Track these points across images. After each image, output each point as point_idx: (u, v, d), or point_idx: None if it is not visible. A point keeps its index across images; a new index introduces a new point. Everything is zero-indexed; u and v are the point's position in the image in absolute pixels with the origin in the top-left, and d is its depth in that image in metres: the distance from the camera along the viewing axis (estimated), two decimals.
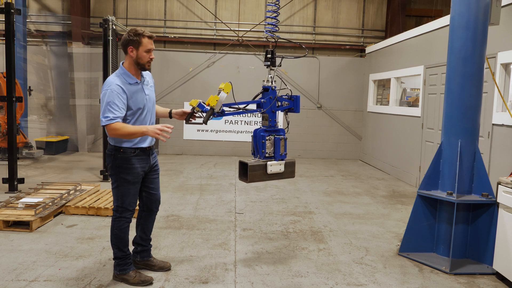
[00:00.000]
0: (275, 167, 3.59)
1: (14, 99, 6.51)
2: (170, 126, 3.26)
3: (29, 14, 11.06)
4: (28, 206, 5.19)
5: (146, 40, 3.37)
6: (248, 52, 11.31)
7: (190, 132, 11.22)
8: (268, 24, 3.68)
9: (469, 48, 4.19)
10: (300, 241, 4.82)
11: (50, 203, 5.35)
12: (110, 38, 7.76)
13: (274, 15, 3.69)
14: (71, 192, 5.98)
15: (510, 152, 5.41)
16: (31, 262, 3.95)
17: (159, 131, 3.23)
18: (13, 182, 6.49)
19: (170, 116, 3.78)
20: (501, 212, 3.83)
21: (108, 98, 3.25)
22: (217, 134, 11.27)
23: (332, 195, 7.18)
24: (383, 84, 10.48)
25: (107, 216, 5.41)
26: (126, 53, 3.41)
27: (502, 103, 5.59)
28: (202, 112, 3.45)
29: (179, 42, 11.50)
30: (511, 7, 5.46)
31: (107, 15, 8.04)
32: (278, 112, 3.73)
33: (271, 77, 3.66)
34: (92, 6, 11.27)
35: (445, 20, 7.06)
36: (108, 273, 3.78)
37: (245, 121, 11.21)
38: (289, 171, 3.72)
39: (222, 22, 11.39)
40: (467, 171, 4.28)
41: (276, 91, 3.67)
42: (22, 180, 6.68)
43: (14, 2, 7.83)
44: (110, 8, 11.40)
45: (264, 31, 3.70)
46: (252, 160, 3.52)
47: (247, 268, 4.01)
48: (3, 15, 6.43)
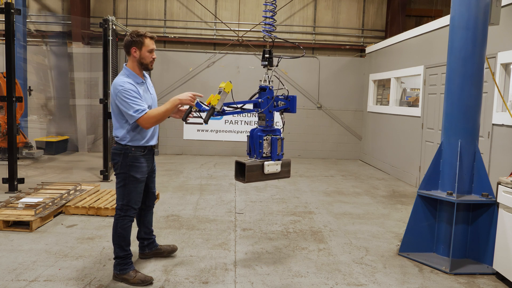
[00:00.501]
0: (272, 167, 3.58)
1: (14, 99, 6.51)
2: (193, 96, 3.39)
3: (29, 14, 11.06)
4: (28, 206, 5.20)
5: (148, 40, 3.49)
6: (248, 52, 11.31)
7: (190, 132, 11.22)
8: (265, 24, 3.68)
9: (469, 48, 4.19)
10: (300, 241, 4.82)
11: (50, 203, 5.35)
12: (110, 38, 7.76)
13: (271, 14, 3.68)
14: (71, 192, 5.98)
15: (510, 152, 5.41)
16: (31, 262, 3.95)
17: (192, 96, 3.39)
18: (13, 182, 6.49)
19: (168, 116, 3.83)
20: (501, 212, 3.83)
21: (127, 95, 3.37)
22: (217, 134, 11.28)
23: (332, 195, 7.18)
24: (383, 84, 10.48)
25: (107, 216, 5.41)
26: (129, 54, 3.51)
27: (502, 103, 5.59)
28: (199, 111, 3.47)
29: (179, 42, 11.50)
30: (511, 7, 5.46)
31: (107, 15, 8.05)
32: (274, 112, 3.73)
33: (269, 77, 3.66)
34: (92, 6, 11.27)
35: (445, 20, 7.06)
36: (108, 273, 3.78)
37: (245, 121, 11.21)
38: (285, 171, 3.71)
39: (222, 22, 11.39)
40: (467, 171, 4.29)
41: (274, 91, 3.66)
42: (22, 180, 6.68)
43: (14, 2, 7.83)
44: (110, 8, 11.40)
45: (262, 31, 3.70)
46: (249, 160, 3.51)
47: (247, 268, 4.01)
48: (3, 15, 6.43)
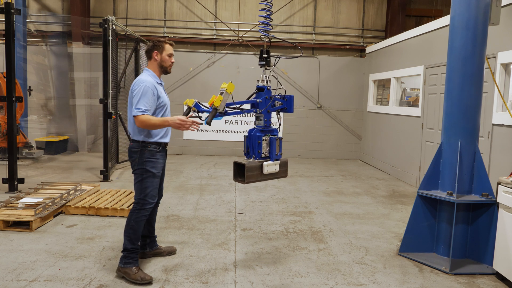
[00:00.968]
0: (271, 167, 3.59)
1: (14, 99, 6.51)
2: (189, 120, 3.46)
3: (29, 14, 11.06)
4: (28, 206, 5.19)
5: (168, 46, 3.86)
6: (248, 52, 11.31)
7: (190, 132, 11.21)
8: (262, 23, 3.67)
9: (469, 48, 4.19)
10: (300, 241, 4.82)
11: (50, 203, 5.35)
12: (110, 38, 7.76)
13: (268, 13, 3.68)
14: (71, 192, 5.98)
15: (510, 152, 5.41)
16: (31, 262, 3.95)
17: (179, 122, 3.46)
18: (13, 182, 6.49)
19: None
20: (501, 212, 3.83)
21: (143, 92, 3.59)
22: (217, 134, 11.28)
23: (332, 195, 7.18)
24: (383, 84, 10.48)
25: (107, 216, 5.41)
26: (150, 58, 3.84)
27: (502, 103, 5.59)
28: (198, 112, 3.49)
29: (179, 42, 11.49)
30: (511, 7, 5.46)
31: (107, 15, 8.05)
32: (271, 112, 3.73)
33: (266, 77, 3.65)
34: (92, 6, 11.27)
35: (445, 20, 7.06)
36: (108, 273, 3.77)
37: (244, 121, 11.21)
38: (282, 171, 3.72)
39: (222, 22, 11.39)
40: (467, 171, 4.29)
41: (271, 91, 3.66)
42: (22, 180, 6.68)
43: (14, 2, 7.84)
44: (110, 8, 11.40)
45: (259, 30, 3.70)
46: (248, 161, 3.51)
47: (247, 268, 4.01)
48: (3, 15, 6.43)
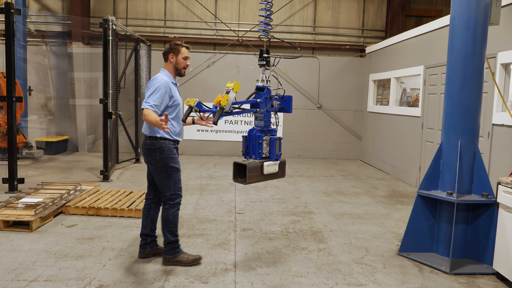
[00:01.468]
0: (271, 167, 3.58)
1: (14, 99, 6.51)
2: (163, 118, 3.47)
3: (29, 14, 11.06)
4: (28, 206, 5.19)
5: (184, 49, 3.93)
6: (248, 52, 11.31)
7: (190, 132, 11.21)
8: (261, 23, 3.67)
9: (469, 48, 4.19)
10: (300, 241, 4.82)
11: (50, 203, 5.35)
12: (110, 38, 7.76)
13: (268, 13, 3.67)
14: (71, 192, 5.97)
15: (510, 152, 5.41)
16: (31, 262, 3.95)
17: (160, 122, 3.48)
18: (13, 182, 6.49)
19: (193, 122, 4.14)
20: (501, 212, 3.83)
21: (157, 89, 3.70)
22: (217, 134, 11.28)
23: (332, 195, 7.18)
24: (383, 84, 10.48)
25: (107, 216, 5.41)
26: (166, 60, 3.94)
27: (502, 103, 5.59)
28: (199, 112, 3.52)
29: None
30: (511, 7, 5.46)
31: (107, 15, 8.05)
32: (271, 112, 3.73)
33: (266, 76, 3.65)
34: (92, 6, 11.27)
35: (445, 20, 7.06)
36: (108, 273, 3.78)
37: (244, 121, 11.21)
38: (281, 171, 3.72)
39: (222, 22, 11.39)
40: (467, 171, 4.28)
41: (271, 91, 3.66)
42: (22, 180, 6.68)
43: (14, 2, 7.83)
44: (110, 8, 11.40)
45: (258, 30, 3.70)
46: (248, 161, 3.50)
47: (247, 268, 4.01)
48: (3, 15, 6.43)
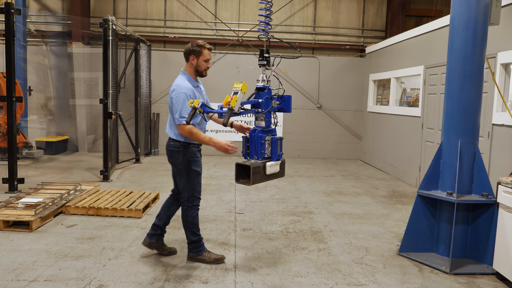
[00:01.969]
0: (273, 167, 3.59)
1: (14, 99, 6.51)
2: (235, 146, 3.65)
3: (29, 14, 11.06)
4: (28, 206, 5.19)
5: (206, 51, 3.86)
6: (248, 52, 11.31)
7: None
8: (261, 22, 3.67)
9: (469, 48, 4.19)
10: (300, 241, 4.82)
11: (50, 203, 5.35)
12: (110, 38, 7.76)
13: (267, 13, 3.67)
14: (71, 192, 5.97)
15: (510, 152, 5.41)
16: (31, 262, 3.95)
17: (228, 147, 3.63)
18: (13, 182, 6.49)
19: (231, 126, 4.02)
20: (501, 212, 3.83)
21: (184, 101, 3.67)
22: (217, 134, 11.28)
23: (332, 195, 7.18)
24: (383, 84, 10.48)
25: (107, 216, 5.41)
26: (187, 61, 3.91)
27: (502, 103, 5.59)
28: (203, 113, 3.51)
29: (179, 42, 11.50)
30: (511, 7, 5.46)
31: (107, 15, 8.05)
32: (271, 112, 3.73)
33: (267, 76, 3.65)
34: (92, 6, 11.27)
35: (445, 20, 7.06)
36: (108, 273, 3.78)
37: (245, 121, 11.21)
38: (281, 171, 3.73)
39: (222, 22, 11.40)
40: (467, 171, 4.28)
41: (271, 91, 3.66)
42: (22, 180, 6.68)
43: (14, 2, 7.83)
44: (110, 8, 11.40)
45: (258, 29, 3.70)
46: (251, 162, 3.50)
47: (247, 268, 4.01)
48: (3, 15, 6.43)
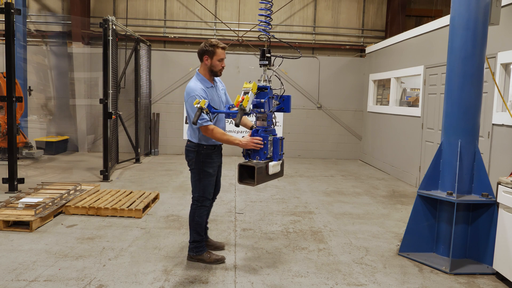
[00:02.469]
0: (275, 167, 3.62)
1: (14, 99, 6.51)
2: (260, 139, 3.58)
3: (29, 14, 11.06)
4: (28, 206, 5.19)
5: (219, 50, 3.78)
6: (248, 52, 11.31)
7: None
8: (261, 22, 3.68)
9: (469, 48, 4.19)
10: (300, 241, 4.82)
11: (50, 203, 5.35)
12: (110, 38, 7.76)
13: (268, 13, 3.68)
14: (71, 192, 5.98)
15: (510, 152, 5.41)
16: (31, 262, 3.95)
17: (254, 143, 3.57)
18: (13, 182, 6.49)
19: (251, 128, 4.01)
20: (501, 212, 3.83)
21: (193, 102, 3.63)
22: None
23: (332, 195, 7.18)
24: (383, 84, 10.48)
25: (107, 216, 5.41)
26: (201, 61, 3.85)
27: (502, 103, 5.59)
28: (209, 113, 3.56)
29: (179, 42, 11.50)
30: (511, 7, 5.46)
31: (107, 15, 8.05)
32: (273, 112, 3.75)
33: (268, 76, 3.65)
34: (92, 6, 11.27)
35: (445, 20, 7.06)
36: (108, 273, 3.78)
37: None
38: (281, 170, 3.77)
39: (222, 22, 11.40)
40: (467, 171, 4.28)
41: (272, 91, 3.67)
42: (22, 180, 6.67)
43: (14, 2, 7.83)
44: (110, 8, 11.40)
45: (258, 29, 3.71)
46: (253, 162, 3.52)
47: (247, 268, 4.01)
48: (3, 15, 6.43)
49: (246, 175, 3.50)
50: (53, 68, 11.18)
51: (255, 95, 3.61)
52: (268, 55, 3.64)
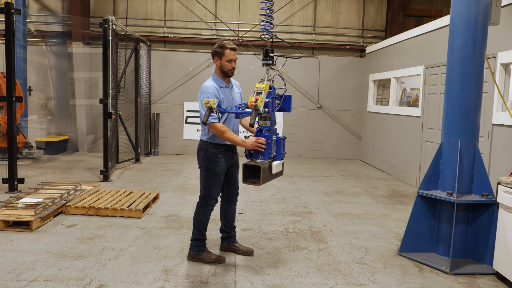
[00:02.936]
0: (278, 166, 3.65)
1: (14, 99, 6.51)
2: (263, 140, 3.58)
3: (29, 14, 11.06)
4: (28, 206, 5.19)
5: (228, 51, 3.84)
6: (248, 52, 11.31)
7: (190, 132, 11.22)
8: (263, 21, 3.68)
9: (469, 48, 4.19)
10: (300, 241, 4.82)
11: (50, 203, 5.35)
12: (110, 38, 7.76)
13: (268, 12, 3.69)
14: (71, 192, 5.97)
15: (510, 152, 5.41)
16: (31, 262, 3.95)
17: (257, 144, 3.58)
18: (13, 182, 6.49)
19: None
20: (501, 212, 3.83)
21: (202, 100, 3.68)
22: None
23: (332, 195, 7.18)
24: (383, 84, 10.48)
25: (107, 216, 5.41)
26: (214, 62, 3.95)
27: (502, 103, 5.59)
28: (218, 113, 3.62)
29: (179, 42, 11.50)
30: (511, 7, 5.46)
31: (107, 15, 8.05)
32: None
33: (271, 76, 3.66)
34: (92, 6, 11.27)
35: (445, 20, 7.06)
36: (108, 273, 3.78)
37: None
38: (282, 169, 3.81)
39: (222, 22, 11.39)
40: (467, 171, 4.28)
41: (275, 90, 3.69)
42: (22, 180, 6.67)
43: (14, 2, 7.83)
44: (110, 8, 11.40)
45: (260, 29, 3.72)
46: (257, 162, 3.54)
47: (247, 268, 4.01)
48: (3, 15, 6.43)
49: (249, 174, 3.52)
50: (53, 68, 11.18)
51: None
52: (272, 54, 3.66)
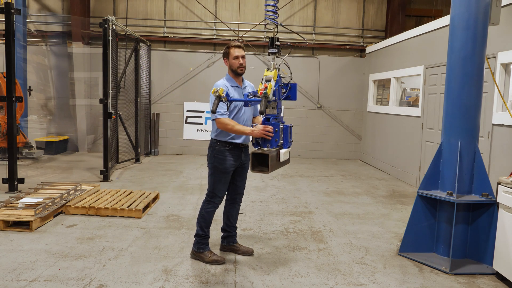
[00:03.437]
0: (285, 154, 3.65)
1: (14, 99, 6.51)
2: (271, 128, 3.58)
3: (29, 14, 11.06)
4: (28, 206, 5.19)
5: (232, 49, 3.92)
6: (248, 52, 11.29)
7: (190, 132, 11.22)
8: (269, 11, 3.69)
9: (469, 48, 4.19)
10: (300, 241, 4.82)
11: (50, 203, 5.35)
12: (110, 38, 7.76)
13: (274, 2, 3.70)
14: (71, 192, 5.97)
15: (510, 152, 5.41)
16: (31, 262, 3.95)
17: (265, 132, 3.57)
18: (13, 182, 6.49)
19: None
20: (501, 212, 3.83)
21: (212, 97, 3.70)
22: None
23: (332, 195, 7.18)
24: (383, 84, 10.48)
25: (107, 216, 5.41)
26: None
27: (502, 103, 5.59)
28: (227, 101, 3.62)
29: (179, 42, 11.50)
30: (511, 7, 5.46)
31: (107, 15, 8.05)
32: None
33: (277, 64, 3.66)
34: (92, 6, 11.27)
35: (445, 20, 7.06)
36: (108, 273, 3.77)
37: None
38: (289, 158, 3.80)
39: (222, 22, 11.39)
40: (467, 171, 4.28)
41: (281, 79, 3.72)
42: (22, 180, 6.67)
43: (14, 2, 7.83)
44: (110, 8, 11.40)
45: (265, 18, 3.73)
46: (267, 150, 3.54)
47: (247, 268, 4.01)
48: (3, 15, 6.43)
49: (257, 163, 3.52)
50: (53, 68, 11.18)
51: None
52: (278, 43, 3.68)
